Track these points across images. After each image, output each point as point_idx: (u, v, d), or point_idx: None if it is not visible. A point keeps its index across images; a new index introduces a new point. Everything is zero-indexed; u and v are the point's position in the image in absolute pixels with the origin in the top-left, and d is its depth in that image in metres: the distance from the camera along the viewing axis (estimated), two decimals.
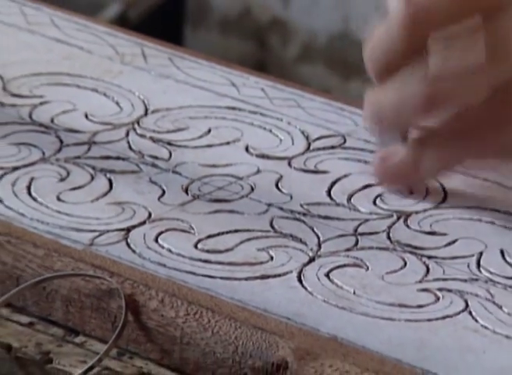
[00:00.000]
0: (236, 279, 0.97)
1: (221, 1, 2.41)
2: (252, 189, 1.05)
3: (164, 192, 1.04)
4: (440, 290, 0.97)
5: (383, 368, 0.90)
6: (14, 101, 1.10)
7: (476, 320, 0.94)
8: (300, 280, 0.97)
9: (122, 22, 2.20)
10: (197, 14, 2.42)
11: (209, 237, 1.00)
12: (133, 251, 0.98)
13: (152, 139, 1.08)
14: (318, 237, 1.01)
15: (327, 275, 0.97)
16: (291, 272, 0.97)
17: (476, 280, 0.98)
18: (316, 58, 2.41)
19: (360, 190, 1.06)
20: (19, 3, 1.20)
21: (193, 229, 1.01)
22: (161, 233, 1.00)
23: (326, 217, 1.02)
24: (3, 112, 1.09)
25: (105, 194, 1.03)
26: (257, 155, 1.08)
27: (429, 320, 0.94)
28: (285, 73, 2.32)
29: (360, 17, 2.40)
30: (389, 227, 1.02)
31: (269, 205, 1.03)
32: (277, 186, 1.05)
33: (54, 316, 0.96)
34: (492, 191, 1.06)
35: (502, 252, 0.99)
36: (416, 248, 1.01)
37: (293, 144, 1.09)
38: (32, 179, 1.04)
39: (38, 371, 0.92)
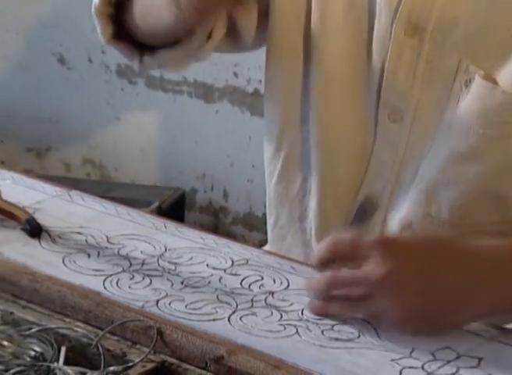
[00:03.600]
0: (202, 321, 0.94)
1: (199, 199, 2.38)
2: (209, 282, 1.01)
3: (173, 284, 1.01)
4: (287, 324, 0.95)
5: (262, 357, 0.88)
6: (112, 246, 1.08)
7: (301, 337, 0.92)
8: (229, 321, 0.95)
9: (159, 211, 2.18)
10: (189, 205, 2.39)
11: (191, 303, 0.97)
12: (159, 309, 0.96)
13: (168, 262, 1.05)
14: (236, 303, 0.98)
15: (240, 319, 0.95)
16: (225, 318, 0.95)
17: (301, 320, 0.95)
18: (237, 223, 2.38)
19: (253, 282, 1.02)
20: (98, 201, 1.18)
21: (184, 300, 0.98)
22: (171, 301, 0.97)
23: (239, 294, 0.99)
24: (106, 251, 1.06)
25: (148, 285, 1.00)
26: (212, 268, 1.04)
27: (283, 337, 0.92)
28: (226, 232, 2.30)
29: (260, 202, 2.37)
30: (266, 298, 0.99)
31: (216, 289, 1.00)
32: (219, 281, 1.02)
33: (127, 337, 0.94)
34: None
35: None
36: (277, 306, 0.97)
37: (226, 263, 1.05)
38: (118, 279, 1.01)
39: (120, 359, 0.90)
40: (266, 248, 1.27)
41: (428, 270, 0.90)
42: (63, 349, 0.91)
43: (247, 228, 2.35)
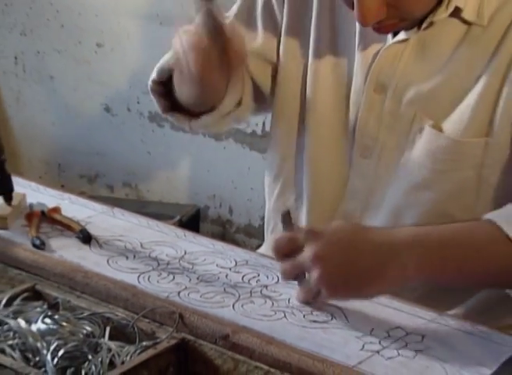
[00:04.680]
0: (213, 307, 0.94)
1: (211, 214, 2.36)
2: (218, 278, 1.00)
3: (190, 279, 0.99)
4: (277, 310, 0.94)
5: (259, 335, 0.88)
6: (145, 250, 1.06)
7: (288, 320, 0.91)
8: (233, 308, 0.94)
9: (180, 223, 2.13)
10: (203, 219, 2.36)
11: (205, 293, 0.96)
12: (180, 298, 0.95)
13: (187, 262, 1.04)
14: (239, 293, 0.97)
15: (242, 306, 0.94)
16: (230, 305, 0.94)
17: (288, 307, 0.94)
18: (239, 232, 2.36)
19: (252, 278, 1.00)
20: (134, 216, 1.16)
21: (199, 291, 0.97)
22: (189, 292, 0.96)
23: (241, 287, 0.98)
24: (140, 254, 1.04)
25: (172, 280, 0.99)
26: (220, 267, 1.03)
27: (274, 320, 0.92)
28: (231, 239, 2.28)
29: (257, 216, 2.34)
30: (261, 290, 0.98)
31: (223, 283, 0.99)
32: (226, 277, 1.00)
33: (156, 320, 0.93)
34: None
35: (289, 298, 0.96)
36: (269, 296, 0.96)
37: (231, 263, 1.04)
38: (149, 276, 1.00)
39: (151, 337, 0.90)
40: (261, 250, 1.26)
41: (346, 252, 0.88)
42: (108, 329, 0.91)
43: (247, 236, 2.33)
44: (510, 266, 0.89)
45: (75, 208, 1.17)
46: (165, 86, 1.13)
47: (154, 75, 1.14)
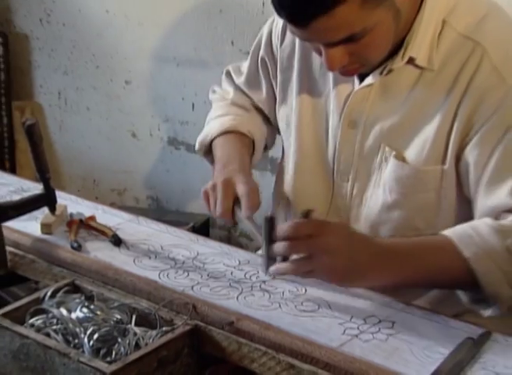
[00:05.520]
0: (220, 299, 0.93)
1: (219, 221, 2.35)
2: (225, 275, 0.99)
3: (202, 276, 0.98)
4: (273, 302, 0.93)
5: (258, 323, 0.87)
6: (164, 252, 1.04)
7: (282, 310, 0.90)
8: (237, 299, 0.93)
9: (193, 229, 2.10)
10: (212, 225, 2.34)
11: (213, 288, 0.95)
12: (193, 292, 0.94)
13: (199, 262, 1.02)
14: (242, 288, 0.96)
15: (244, 298, 0.94)
16: (234, 297, 0.94)
17: (282, 299, 0.93)
18: (242, 236, 2.33)
19: (252, 275, 0.99)
20: (155, 223, 1.15)
21: (209, 285, 0.96)
22: (201, 287, 0.96)
23: (243, 282, 0.97)
24: (161, 255, 1.03)
25: (187, 277, 0.98)
26: (226, 266, 1.01)
27: (271, 310, 0.91)
28: (235, 242, 2.26)
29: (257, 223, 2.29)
30: (260, 285, 0.97)
31: (229, 279, 0.98)
32: (231, 274, 0.99)
33: (173, 309, 0.92)
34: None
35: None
36: (267, 290, 0.95)
37: (235, 262, 1.02)
38: (168, 273, 0.99)
39: (169, 323, 0.89)
40: (260, 252, 1.25)
41: (346, 246, 0.89)
42: (134, 316, 0.90)
43: (249, 239, 2.32)
44: (457, 273, 0.93)
45: (107, 216, 1.16)
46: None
47: (197, 146, 1.24)
